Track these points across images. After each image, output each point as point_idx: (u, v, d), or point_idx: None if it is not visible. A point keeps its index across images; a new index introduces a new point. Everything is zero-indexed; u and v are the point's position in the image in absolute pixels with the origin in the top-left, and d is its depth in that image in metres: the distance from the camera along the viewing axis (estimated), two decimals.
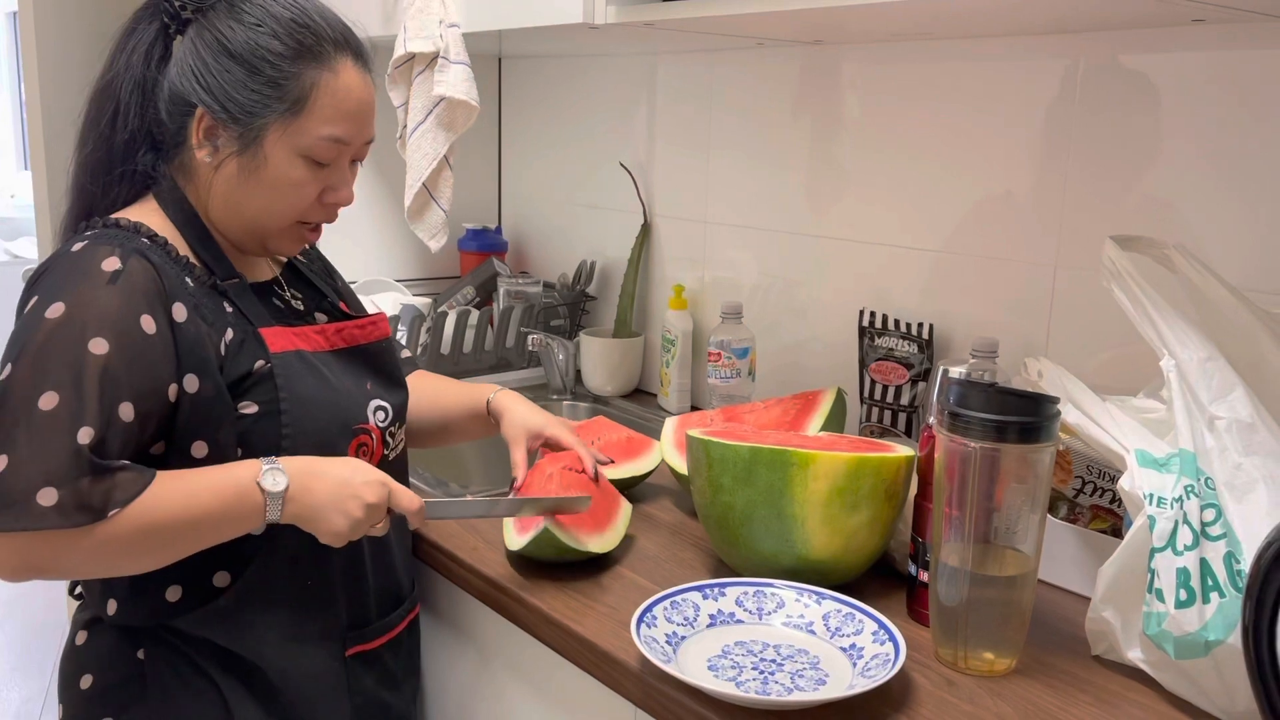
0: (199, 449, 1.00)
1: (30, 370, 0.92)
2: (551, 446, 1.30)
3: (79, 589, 1.11)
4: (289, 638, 1.08)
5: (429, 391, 1.35)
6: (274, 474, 0.98)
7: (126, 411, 0.94)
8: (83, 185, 1.07)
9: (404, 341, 1.83)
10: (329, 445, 1.06)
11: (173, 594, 1.03)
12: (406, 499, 1.06)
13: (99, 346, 0.94)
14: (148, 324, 0.96)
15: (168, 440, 1.00)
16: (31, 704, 2.75)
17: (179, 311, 0.99)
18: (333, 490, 1.01)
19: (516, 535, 1.18)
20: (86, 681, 1.07)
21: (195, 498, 0.96)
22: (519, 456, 1.27)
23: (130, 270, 0.97)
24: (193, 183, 1.07)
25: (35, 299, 0.96)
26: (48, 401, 0.91)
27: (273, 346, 1.05)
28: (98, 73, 1.07)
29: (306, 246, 1.25)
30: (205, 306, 1.02)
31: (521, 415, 1.30)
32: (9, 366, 0.93)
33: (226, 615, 1.04)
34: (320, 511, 1.00)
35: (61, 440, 0.91)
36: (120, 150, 1.05)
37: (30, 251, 4.48)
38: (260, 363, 1.03)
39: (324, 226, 1.14)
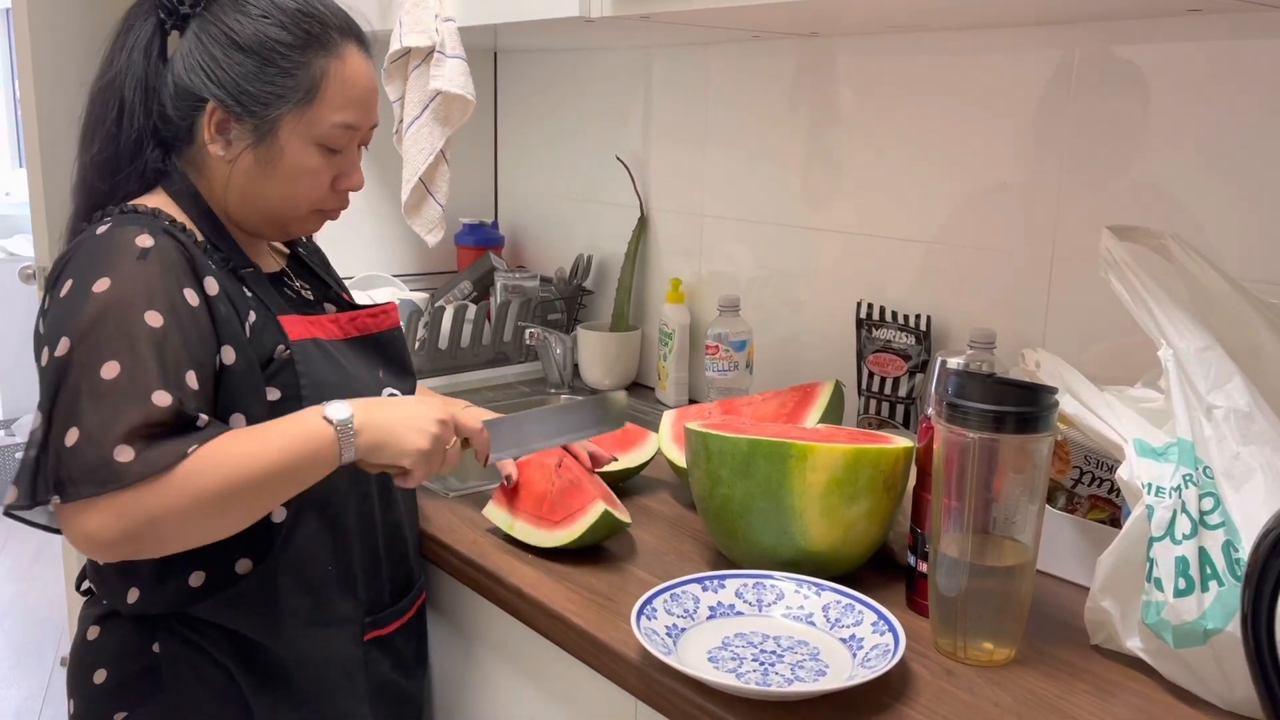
0: (236, 422, 1.02)
1: (85, 344, 0.93)
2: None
3: (86, 584, 1.11)
4: (310, 623, 1.08)
5: None
6: (335, 406, 1.00)
7: (192, 380, 0.97)
8: (92, 184, 1.07)
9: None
10: None
11: (195, 579, 1.03)
12: (467, 418, 1.09)
13: (154, 319, 0.95)
14: (191, 296, 0.99)
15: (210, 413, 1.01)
16: (32, 700, 2.75)
17: (210, 285, 1.01)
18: (399, 412, 1.04)
19: (561, 530, 1.19)
20: (100, 676, 1.06)
21: (269, 443, 0.97)
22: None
23: (161, 246, 0.98)
24: (204, 177, 1.08)
25: (71, 281, 0.97)
26: (109, 370, 0.93)
27: (291, 334, 1.06)
28: (97, 71, 1.07)
29: (304, 239, 1.27)
30: (230, 289, 1.04)
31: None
32: (62, 342, 0.94)
33: (247, 601, 1.05)
34: (394, 432, 1.02)
35: (132, 404, 0.92)
36: (128, 148, 1.05)
37: (25, 249, 4.47)
38: (281, 348, 1.05)
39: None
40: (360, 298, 1.73)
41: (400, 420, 1.03)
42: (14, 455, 3.96)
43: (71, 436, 0.91)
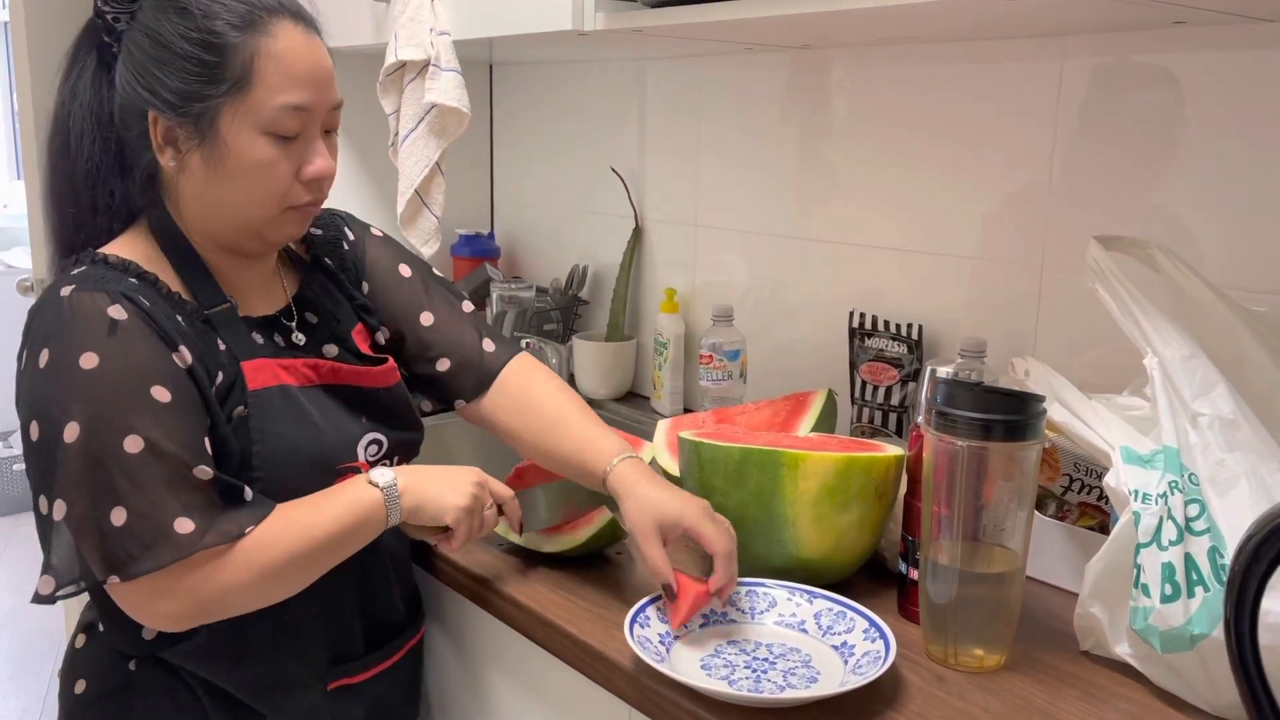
0: None
1: (94, 423, 0.90)
2: (694, 540, 1.04)
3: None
4: (265, 674, 1.06)
5: (545, 419, 1.18)
6: (379, 472, 1.03)
7: (207, 445, 0.96)
8: (55, 226, 1.04)
9: None
10: (304, 491, 1.02)
11: (149, 633, 1.02)
12: (498, 484, 1.11)
13: (161, 394, 0.93)
14: (180, 359, 0.96)
15: None
16: (29, 713, 2.75)
17: (184, 355, 0.97)
18: (438, 474, 1.06)
19: (564, 536, 1.20)
20: (80, 686, 1.07)
21: (323, 513, 0.99)
22: (655, 555, 1.02)
23: (132, 319, 0.94)
24: (170, 197, 1.03)
25: (48, 353, 0.93)
26: (133, 445, 0.91)
27: (252, 383, 1.02)
28: (54, 104, 1.03)
29: (324, 237, 1.20)
30: (200, 347, 0.99)
31: (650, 503, 1.04)
32: (70, 428, 0.90)
33: (202, 654, 1.03)
34: (435, 491, 1.04)
35: (174, 476, 0.92)
36: (83, 182, 1.01)
37: (23, 261, 4.47)
38: (240, 409, 1.01)
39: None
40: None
41: (439, 481, 1.05)
42: (11, 468, 3.96)
43: (118, 516, 0.90)
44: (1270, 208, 1.16)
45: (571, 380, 1.97)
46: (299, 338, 1.11)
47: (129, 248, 1.02)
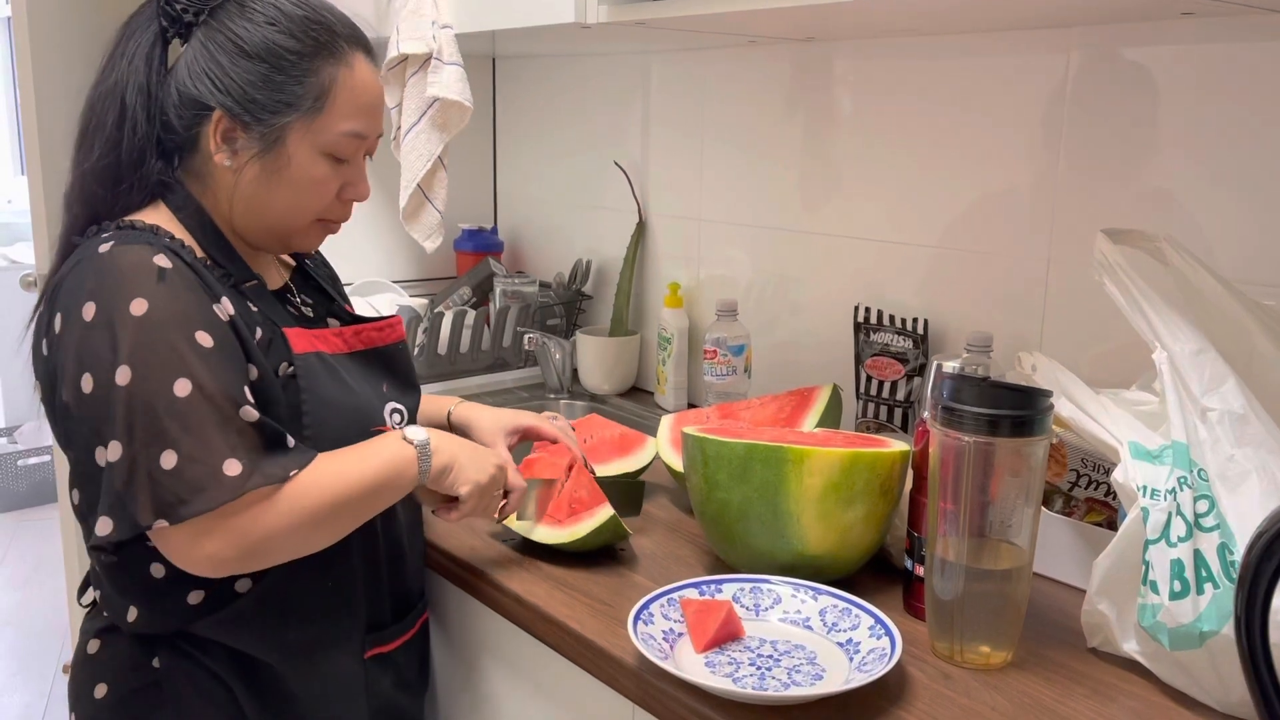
0: None
1: (145, 367, 0.92)
2: (532, 437, 1.31)
3: (88, 596, 1.10)
4: (310, 640, 1.08)
5: None
6: (413, 430, 1.06)
7: (248, 394, 0.98)
8: (92, 192, 1.04)
9: None
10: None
11: (194, 597, 1.02)
12: (515, 474, 1.17)
13: (205, 339, 0.95)
14: (222, 312, 0.99)
15: None
16: (33, 709, 2.75)
17: (226, 305, 1.00)
18: (467, 445, 1.10)
19: (564, 529, 1.19)
20: (101, 690, 1.06)
21: (363, 463, 1.01)
22: (505, 454, 1.26)
23: (178, 266, 0.97)
24: (208, 187, 1.06)
25: (94, 304, 0.94)
26: (182, 389, 0.93)
27: (296, 347, 1.05)
28: (95, 78, 1.06)
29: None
30: (237, 302, 1.03)
31: (491, 418, 1.31)
32: (121, 371, 0.92)
33: (247, 619, 1.04)
34: (461, 461, 1.08)
35: (223, 420, 0.94)
36: (130, 157, 1.03)
37: (27, 257, 4.47)
38: (285, 364, 1.04)
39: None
40: (360, 304, 1.74)
41: (467, 452, 1.09)
42: (16, 463, 3.96)
43: (169, 459, 0.91)
44: None
45: (575, 376, 1.97)
46: (307, 311, 1.16)
47: (152, 220, 1.04)
